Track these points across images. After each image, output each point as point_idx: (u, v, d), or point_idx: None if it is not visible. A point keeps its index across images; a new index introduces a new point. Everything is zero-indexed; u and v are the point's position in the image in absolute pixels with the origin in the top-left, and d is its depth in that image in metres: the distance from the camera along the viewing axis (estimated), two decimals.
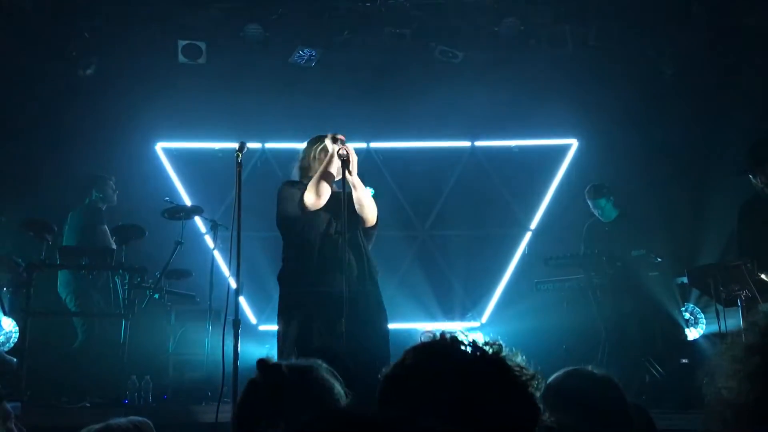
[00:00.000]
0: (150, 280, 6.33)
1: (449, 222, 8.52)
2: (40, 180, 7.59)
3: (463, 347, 1.42)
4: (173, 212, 6.57)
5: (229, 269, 4.39)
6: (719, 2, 7.33)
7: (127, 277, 6.08)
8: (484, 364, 1.39)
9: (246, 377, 2.16)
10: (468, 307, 8.20)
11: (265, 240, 7.82)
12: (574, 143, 8.67)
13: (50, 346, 6.27)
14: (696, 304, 6.86)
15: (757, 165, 5.02)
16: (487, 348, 1.43)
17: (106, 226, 6.78)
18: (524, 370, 1.43)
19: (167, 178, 8.48)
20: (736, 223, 5.36)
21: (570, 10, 7.63)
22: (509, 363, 1.41)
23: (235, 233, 4.12)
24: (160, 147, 8.55)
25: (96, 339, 6.28)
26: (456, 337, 1.45)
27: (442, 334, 1.47)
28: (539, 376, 1.45)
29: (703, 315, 6.80)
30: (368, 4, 7.37)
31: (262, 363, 2.03)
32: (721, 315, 4.96)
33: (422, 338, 1.48)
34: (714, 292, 4.85)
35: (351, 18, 7.68)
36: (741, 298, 4.65)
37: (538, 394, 1.44)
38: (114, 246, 6.46)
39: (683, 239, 7.56)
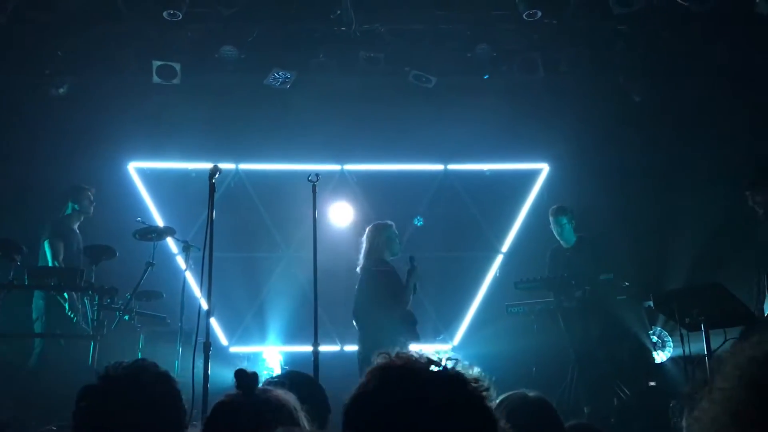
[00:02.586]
0: (120, 302, 6.26)
1: (422, 244, 8.55)
2: (10, 198, 7.52)
3: (421, 365, 1.44)
4: (145, 233, 6.51)
5: (201, 291, 4.38)
6: (686, 32, 7.53)
7: (97, 298, 6.00)
8: (443, 380, 1.41)
9: (216, 400, 2.17)
10: (440, 329, 8.23)
11: (237, 261, 7.82)
12: (545, 167, 8.80)
13: (14, 367, 6.17)
14: (663, 327, 6.96)
15: (751, 186, 5.28)
16: (445, 362, 1.44)
17: (78, 243, 6.72)
18: (480, 383, 1.44)
19: (139, 198, 8.43)
20: None
21: (541, 37, 7.78)
22: (466, 377, 1.43)
23: (206, 255, 4.13)
24: (132, 166, 8.51)
25: (64, 360, 6.18)
26: (413, 357, 1.46)
27: (398, 354, 1.47)
28: (493, 387, 1.47)
29: (670, 338, 6.90)
30: (344, 29, 7.44)
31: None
32: (686, 339, 5.05)
33: (378, 360, 1.48)
34: (678, 317, 4.94)
35: (326, 42, 7.74)
36: (704, 322, 4.74)
37: (493, 405, 1.46)
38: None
39: (651, 263, 7.69)
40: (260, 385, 2.13)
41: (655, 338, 6.97)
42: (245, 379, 1.93)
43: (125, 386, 2.11)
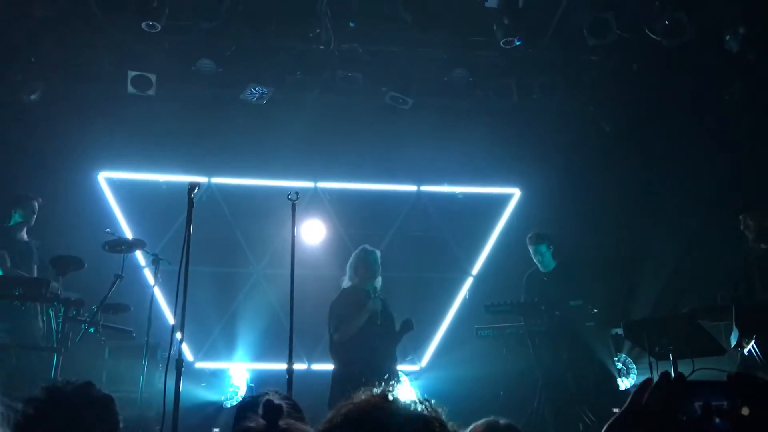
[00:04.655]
0: (86, 314, 6.13)
1: (393, 264, 8.55)
2: None
3: (395, 407, 1.41)
4: (114, 245, 6.39)
5: (174, 307, 4.32)
6: (657, 65, 7.71)
7: (62, 310, 5.87)
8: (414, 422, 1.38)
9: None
10: (408, 351, 8.21)
11: (206, 276, 7.73)
12: (516, 192, 8.89)
13: None
14: (628, 354, 7.04)
15: (745, 209, 5.59)
16: (419, 407, 1.43)
17: (23, 254, 6.59)
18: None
19: (108, 208, 8.30)
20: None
21: (517, 64, 7.90)
22: (437, 422, 1.41)
23: (182, 270, 4.08)
24: (102, 176, 8.39)
25: (24, 372, 6.01)
26: (387, 397, 1.42)
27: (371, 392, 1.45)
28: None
29: (635, 365, 6.99)
30: (322, 47, 7.46)
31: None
32: (654, 367, 5.12)
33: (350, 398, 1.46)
34: (648, 346, 5.01)
35: (304, 59, 7.76)
36: (672, 352, 4.82)
37: None
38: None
39: (618, 291, 7.78)
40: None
41: (620, 365, 7.05)
42: (271, 409, 1.98)
43: (71, 402, 2.11)
